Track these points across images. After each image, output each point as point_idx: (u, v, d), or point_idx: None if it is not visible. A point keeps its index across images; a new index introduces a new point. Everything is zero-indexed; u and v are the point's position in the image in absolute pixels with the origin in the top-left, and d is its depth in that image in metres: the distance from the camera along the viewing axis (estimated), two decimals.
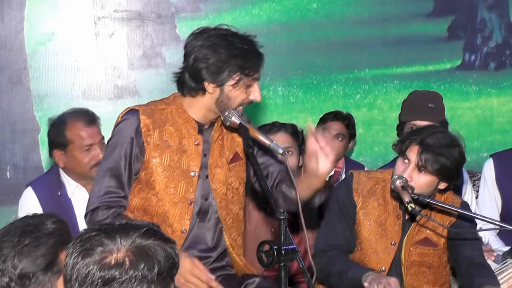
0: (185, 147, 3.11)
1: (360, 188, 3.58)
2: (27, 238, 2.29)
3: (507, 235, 4.28)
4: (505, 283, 3.48)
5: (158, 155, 3.08)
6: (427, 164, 3.36)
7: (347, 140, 4.83)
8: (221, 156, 3.17)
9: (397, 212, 3.54)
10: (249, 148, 2.96)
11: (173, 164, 3.09)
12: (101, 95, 5.08)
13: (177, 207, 3.11)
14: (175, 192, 3.10)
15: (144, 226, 1.96)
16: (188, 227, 3.11)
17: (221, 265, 3.25)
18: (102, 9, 5.07)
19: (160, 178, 3.09)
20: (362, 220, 3.56)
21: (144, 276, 1.88)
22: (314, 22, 5.35)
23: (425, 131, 3.49)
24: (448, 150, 3.39)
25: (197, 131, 3.12)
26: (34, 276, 2.26)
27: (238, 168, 3.24)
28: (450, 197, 3.59)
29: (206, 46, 3.02)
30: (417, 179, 3.40)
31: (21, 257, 2.27)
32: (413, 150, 3.41)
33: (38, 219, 2.37)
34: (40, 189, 3.98)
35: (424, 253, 3.55)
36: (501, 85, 5.63)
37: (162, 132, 3.10)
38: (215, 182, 3.16)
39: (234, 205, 3.23)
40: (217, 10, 5.22)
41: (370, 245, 3.55)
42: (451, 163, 3.39)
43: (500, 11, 5.63)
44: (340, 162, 4.85)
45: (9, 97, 4.99)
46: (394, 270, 3.51)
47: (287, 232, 2.66)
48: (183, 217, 3.11)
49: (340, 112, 4.87)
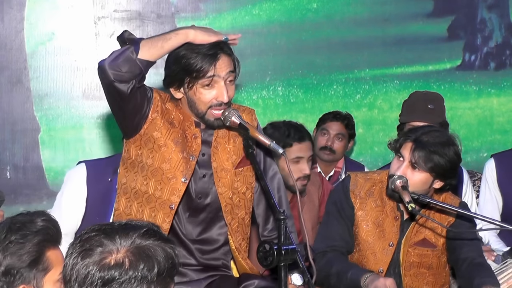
0: (186, 133, 3.12)
1: (357, 190, 3.58)
2: (14, 235, 2.30)
3: (508, 235, 4.28)
4: (505, 283, 3.47)
5: (161, 129, 3.07)
6: (420, 161, 3.36)
7: (346, 140, 4.83)
8: (227, 160, 3.16)
9: (395, 213, 3.53)
10: (249, 148, 2.96)
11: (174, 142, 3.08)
12: (101, 95, 5.03)
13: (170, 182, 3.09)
14: (170, 167, 3.08)
15: (144, 227, 1.96)
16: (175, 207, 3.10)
17: (217, 265, 3.25)
18: (102, 9, 5.07)
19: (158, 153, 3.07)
20: (360, 222, 3.56)
21: (143, 277, 1.88)
22: (314, 22, 5.35)
23: (421, 130, 3.50)
24: (443, 148, 3.39)
25: (194, 125, 3.12)
26: (19, 273, 2.27)
27: (246, 173, 3.21)
28: (448, 197, 3.59)
29: (167, 59, 3.09)
30: (411, 177, 3.40)
31: (6, 254, 2.28)
32: (407, 147, 3.41)
33: (28, 217, 2.39)
34: (92, 169, 3.95)
35: (422, 254, 3.55)
36: (501, 85, 5.63)
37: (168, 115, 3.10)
38: (221, 186, 3.15)
39: (240, 210, 3.21)
40: (217, 10, 5.22)
41: (368, 246, 3.55)
42: (445, 161, 3.38)
43: (500, 11, 5.63)
44: (340, 162, 4.86)
45: (9, 97, 4.99)
46: (393, 271, 3.51)
47: (287, 232, 2.66)
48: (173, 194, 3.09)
49: (339, 112, 4.87)
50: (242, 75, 5.08)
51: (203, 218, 3.19)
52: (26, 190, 4.98)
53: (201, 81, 2.99)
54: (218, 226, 3.22)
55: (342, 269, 3.42)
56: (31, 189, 5.00)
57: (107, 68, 2.91)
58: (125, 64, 2.90)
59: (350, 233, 3.58)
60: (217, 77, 2.99)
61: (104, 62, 2.93)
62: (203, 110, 3.03)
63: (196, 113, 3.06)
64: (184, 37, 2.97)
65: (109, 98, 3.02)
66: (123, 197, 3.15)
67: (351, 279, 3.36)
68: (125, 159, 3.15)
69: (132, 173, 3.12)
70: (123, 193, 3.16)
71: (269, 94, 5.31)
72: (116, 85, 2.92)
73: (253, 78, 5.27)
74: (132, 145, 3.10)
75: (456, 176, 3.49)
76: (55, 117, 5.05)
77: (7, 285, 2.26)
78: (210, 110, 3.03)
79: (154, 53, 2.94)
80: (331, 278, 3.44)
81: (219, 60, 2.99)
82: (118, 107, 3.02)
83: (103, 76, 2.93)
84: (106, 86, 2.96)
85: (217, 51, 3.00)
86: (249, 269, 3.23)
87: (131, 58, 2.90)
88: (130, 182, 3.13)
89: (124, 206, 3.14)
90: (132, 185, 3.12)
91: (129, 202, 3.13)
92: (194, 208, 3.15)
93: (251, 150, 2.95)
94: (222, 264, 3.25)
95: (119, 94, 2.94)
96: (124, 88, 2.93)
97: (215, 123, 3.07)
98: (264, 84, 5.30)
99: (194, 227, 3.18)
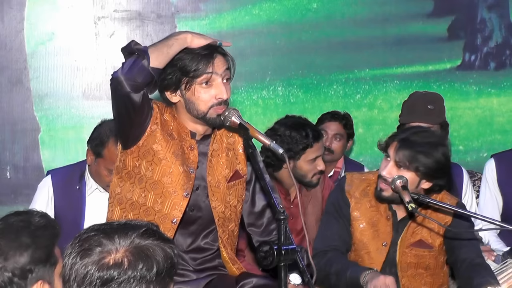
0: (183, 144, 3.11)
1: (352, 190, 3.60)
2: (24, 232, 2.30)
3: (508, 235, 4.28)
4: (505, 283, 3.47)
5: (161, 142, 3.06)
6: (404, 160, 3.36)
7: (345, 140, 4.83)
8: (220, 173, 3.16)
9: (387, 213, 3.54)
10: (249, 148, 2.95)
11: (174, 155, 3.07)
12: (101, 95, 5.08)
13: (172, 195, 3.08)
14: (171, 181, 3.07)
15: (143, 226, 1.96)
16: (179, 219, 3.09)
17: (213, 265, 3.25)
18: (102, 9, 5.07)
19: (159, 166, 3.05)
20: (355, 222, 3.57)
21: (142, 277, 1.88)
22: (314, 22, 5.35)
23: (409, 130, 3.50)
24: (429, 148, 3.37)
25: (189, 136, 3.12)
26: (35, 270, 2.27)
27: (238, 186, 3.22)
28: (445, 197, 3.58)
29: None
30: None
31: (21, 251, 2.28)
32: (393, 147, 3.41)
33: (25, 216, 2.39)
34: (57, 179, 4.03)
35: (419, 255, 3.55)
36: (501, 85, 5.63)
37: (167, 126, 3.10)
38: (214, 201, 3.15)
39: (231, 222, 3.23)
40: (217, 10, 5.22)
41: (362, 246, 3.56)
42: (431, 162, 3.36)
43: (500, 11, 5.63)
44: (339, 162, 4.86)
45: (9, 97, 4.99)
46: (389, 271, 3.51)
47: (287, 232, 2.66)
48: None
49: (337, 112, 4.87)
50: (242, 75, 5.16)
51: (194, 230, 3.19)
52: (26, 190, 4.97)
53: (199, 79, 2.99)
54: (209, 238, 3.22)
55: (341, 268, 3.43)
56: (31, 189, 4.98)
57: (124, 80, 2.88)
58: (140, 74, 2.89)
59: (348, 232, 3.58)
60: (215, 75, 3.00)
61: (118, 74, 2.90)
62: (204, 110, 3.03)
63: (196, 115, 3.05)
64: (183, 42, 2.98)
65: (120, 109, 2.99)
66: (117, 207, 3.11)
67: (350, 277, 3.37)
68: (120, 168, 3.11)
69: (128, 184, 3.08)
70: (117, 203, 3.12)
71: (269, 94, 5.31)
72: (132, 95, 2.91)
73: (253, 78, 5.27)
74: (129, 156, 3.06)
75: (444, 177, 3.46)
76: (55, 117, 5.05)
77: (24, 283, 2.26)
78: (211, 110, 3.03)
79: (162, 60, 2.94)
80: (331, 278, 3.44)
81: (216, 58, 3.01)
82: (128, 117, 3.00)
83: (119, 87, 2.90)
84: (120, 97, 2.93)
85: (212, 50, 3.02)
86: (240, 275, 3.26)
87: (145, 67, 2.89)
88: (125, 192, 3.09)
89: (119, 217, 3.11)
90: (128, 196, 3.09)
91: (124, 213, 3.09)
92: (186, 220, 3.14)
93: (251, 150, 2.95)
94: (218, 263, 3.26)
95: (132, 104, 2.93)
96: (137, 98, 2.92)
97: (217, 120, 3.05)
98: (264, 84, 5.30)
99: (184, 238, 3.18)
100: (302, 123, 4.01)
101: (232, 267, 3.23)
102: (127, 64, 2.91)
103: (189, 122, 3.10)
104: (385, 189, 3.45)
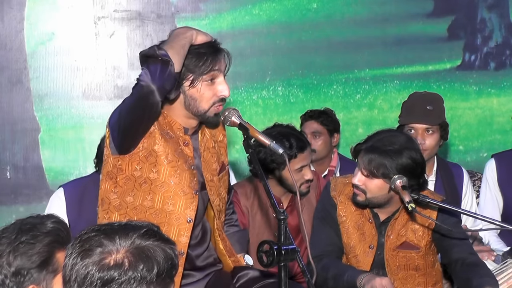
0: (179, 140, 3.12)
1: (337, 194, 3.61)
2: (24, 235, 2.30)
3: (508, 235, 4.28)
4: (505, 283, 3.47)
5: (161, 142, 3.05)
6: (370, 168, 3.38)
7: (326, 136, 4.78)
8: (212, 166, 3.20)
9: (369, 216, 3.55)
10: (249, 148, 2.96)
11: (176, 154, 3.07)
12: (101, 95, 5.08)
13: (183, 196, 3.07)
14: (179, 181, 3.06)
15: (144, 227, 1.96)
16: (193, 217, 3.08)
17: (211, 262, 3.27)
18: (102, 9, 5.07)
19: (164, 166, 3.05)
20: (341, 226, 3.58)
21: (143, 277, 1.88)
22: (314, 22, 5.35)
23: (375, 137, 3.48)
24: (394, 154, 3.36)
25: (183, 132, 3.12)
26: (29, 274, 2.26)
27: (225, 177, 3.28)
28: (429, 194, 3.57)
29: None
30: (367, 183, 3.43)
31: (16, 254, 2.27)
32: (360, 155, 3.44)
33: (39, 219, 2.38)
34: (70, 193, 3.98)
35: (407, 257, 3.56)
36: (501, 85, 5.63)
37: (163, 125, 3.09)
38: (212, 195, 3.18)
39: (222, 214, 3.28)
40: (217, 10, 5.22)
41: (350, 250, 3.59)
42: (397, 167, 3.35)
43: (500, 11, 5.63)
44: (333, 161, 4.83)
45: (9, 97, 4.99)
46: (376, 273, 3.51)
47: (287, 232, 2.66)
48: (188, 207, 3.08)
49: (313, 111, 4.85)
50: (242, 75, 5.16)
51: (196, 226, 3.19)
52: (26, 190, 4.97)
53: (205, 76, 3.00)
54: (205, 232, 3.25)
55: (338, 272, 3.44)
56: (31, 189, 5.00)
57: (156, 89, 2.85)
58: (169, 81, 2.88)
59: (339, 236, 3.61)
60: (219, 72, 3.03)
61: (148, 81, 2.85)
62: (205, 107, 3.04)
63: (195, 112, 3.05)
64: (190, 39, 2.98)
65: (144, 114, 2.95)
66: (114, 213, 3.07)
67: (347, 281, 3.38)
68: (113, 174, 3.06)
69: (125, 189, 3.05)
70: (114, 209, 3.07)
71: (269, 94, 5.31)
72: (160, 103, 2.91)
73: (253, 78, 5.27)
74: (127, 160, 3.04)
75: (418, 177, 3.45)
76: (55, 117, 5.05)
77: (17, 285, 2.25)
78: (213, 107, 3.04)
79: (180, 62, 2.91)
80: (328, 282, 3.46)
81: (221, 55, 3.04)
82: (147, 123, 2.98)
83: (151, 97, 2.86)
84: (149, 105, 2.90)
85: (217, 48, 3.04)
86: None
87: (172, 74, 2.86)
88: (124, 197, 3.06)
89: None
90: (128, 201, 3.06)
91: (125, 218, 3.04)
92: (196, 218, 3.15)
93: (251, 150, 2.95)
94: (214, 260, 3.30)
95: (156, 111, 2.94)
96: (160, 104, 2.94)
97: (215, 119, 3.08)
98: (264, 84, 5.30)
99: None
100: (287, 133, 3.95)
101: (227, 259, 3.25)
102: (154, 71, 2.84)
103: (182, 118, 3.10)
104: (359, 195, 3.48)
